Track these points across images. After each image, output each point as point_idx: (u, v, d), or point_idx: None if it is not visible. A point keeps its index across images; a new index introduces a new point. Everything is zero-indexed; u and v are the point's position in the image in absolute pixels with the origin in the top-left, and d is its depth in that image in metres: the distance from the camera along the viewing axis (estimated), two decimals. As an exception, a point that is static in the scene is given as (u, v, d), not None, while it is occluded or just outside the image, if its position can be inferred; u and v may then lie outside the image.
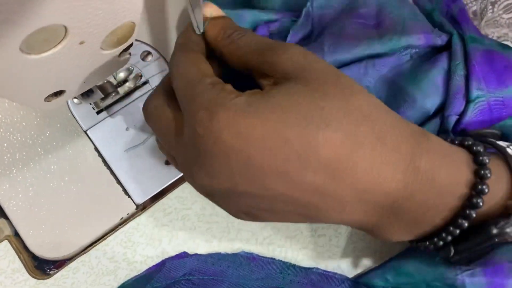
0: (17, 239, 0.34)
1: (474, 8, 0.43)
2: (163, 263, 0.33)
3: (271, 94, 0.22)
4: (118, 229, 0.34)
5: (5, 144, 0.35)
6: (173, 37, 0.38)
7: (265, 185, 0.22)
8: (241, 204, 0.24)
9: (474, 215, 0.23)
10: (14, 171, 0.35)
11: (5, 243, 0.33)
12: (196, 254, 0.33)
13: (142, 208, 0.35)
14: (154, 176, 0.35)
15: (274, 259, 0.34)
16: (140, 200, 0.34)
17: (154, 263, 0.33)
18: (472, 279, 0.28)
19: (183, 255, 0.33)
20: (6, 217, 0.34)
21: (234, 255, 0.33)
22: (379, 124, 0.22)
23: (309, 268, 0.34)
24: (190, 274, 0.32)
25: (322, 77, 0.23)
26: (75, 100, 0.36)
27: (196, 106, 0.23)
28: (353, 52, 0.30)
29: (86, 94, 0.31)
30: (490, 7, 0.41)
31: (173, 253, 0.34)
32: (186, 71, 0.25)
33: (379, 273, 0.32)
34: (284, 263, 0.33)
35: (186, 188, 0.35)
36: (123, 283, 0.33)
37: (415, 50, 0.32)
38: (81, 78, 0.25)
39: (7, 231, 0.34)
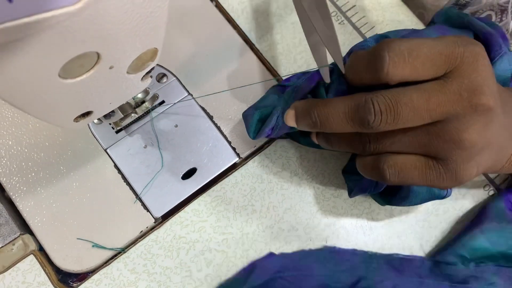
0: (42, 254, 0.36)
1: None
2: (253, 265, 0.35)
3: None
4: (138, 242, 0.36)
5: (30, 163, 0.37)
6: (185, 60, 0.40)
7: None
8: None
9: None
10: (38, 188, 0.37)
11: (31, 257, 0.35)
12: (282, 254, 0.35)
13: (160, 221, 0.37)
14: (171, 191, 0.37)
15: (356, 250, 0.35)
16: (158, 214, 0.36)
17: (173, 274, 0.35)
18: None
19: (270, 255, 0.35)
20: (31, 232, 0.36)
21: (319, 250, 0.35)
22: None
23: (389, 254, 0.35)
24: (280, 271, 0.34)
25: None
26: (95, 121, 0.38)
27: None
28: None
29: (108, 115, 0.33)
30: None
31: (190, 264, 0.35)
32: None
33: (452, 251, 0.35)
34: (365, 252, 0.35)
35: (202, 202, 0.37)
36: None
37: None
38: (108, 99, 0.27)
39: (32, 246, 0.36)
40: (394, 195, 0.35)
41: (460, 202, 0.38)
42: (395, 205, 0.35)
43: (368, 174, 0.30)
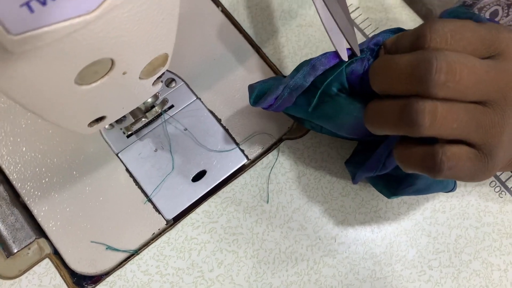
0: (56, 257, 0.37)
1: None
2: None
3: None
4: (151, 244, 0.36)
5: (43, 169, 0.38)
6: (193, 65, 0.41)
7: None
8: None
9: None
10: (52, 193, 0.37)
11: (46, 260, 0.36)
12: None
13: (172, 223, 0.37)
14: (182, 193, 0.37)
15: None
16: (170, 216, 0.37)
17: (185, 275, 0.36)
18: None
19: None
20: (46, 236, 0.37)
21: None
22: None
23: None
24: None
25: None
26: (107, 126, 0.39)
27: None
28: None
29: (120, 119, 0.34)
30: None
31: (202, 264, 0.36)
32: None
33: None
34: None
35: (212, 203, 0.37)
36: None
37: None
38: (121, 104, 0.28)
39: (48, 250, 0.37)
40: (400, 183, 0.34)
41: (466, 199, 0.39)
42: (401, 194, 0.34)
43: (415, 165, 0.27)
